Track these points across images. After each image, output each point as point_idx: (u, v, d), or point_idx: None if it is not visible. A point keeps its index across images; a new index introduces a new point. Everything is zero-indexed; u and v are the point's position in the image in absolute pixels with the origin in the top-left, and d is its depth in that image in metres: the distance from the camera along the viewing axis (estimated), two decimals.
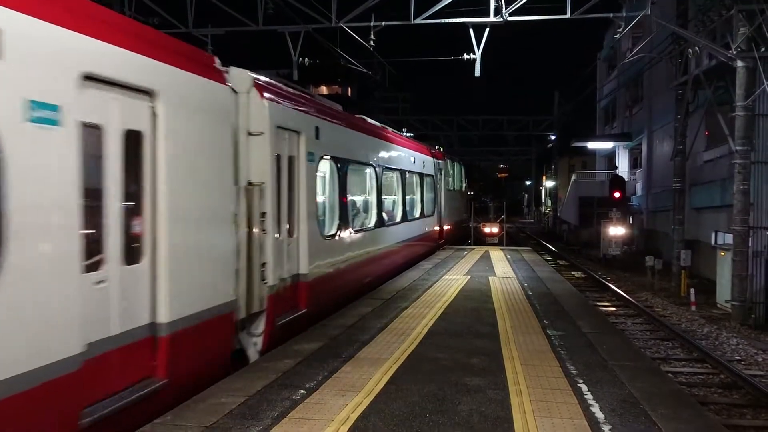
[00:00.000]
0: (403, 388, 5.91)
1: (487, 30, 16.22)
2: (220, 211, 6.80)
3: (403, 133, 22.82)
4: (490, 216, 34.31)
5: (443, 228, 22.10)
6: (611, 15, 16.59)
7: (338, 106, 11.58)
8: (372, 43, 16.76)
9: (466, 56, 17.16)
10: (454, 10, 16.18)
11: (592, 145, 40.89)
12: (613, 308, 16.40)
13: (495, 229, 29.39)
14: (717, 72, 16.93)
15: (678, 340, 12.62)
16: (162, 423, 5.03)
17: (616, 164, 37.48)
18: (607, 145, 38.94)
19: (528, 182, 80.00)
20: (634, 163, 34.76)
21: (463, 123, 49.29)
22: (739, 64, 14.58)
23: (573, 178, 39.79)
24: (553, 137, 50.93)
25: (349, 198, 11.60)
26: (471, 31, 16.34)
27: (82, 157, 4.68)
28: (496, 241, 28.01)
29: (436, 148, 25.78)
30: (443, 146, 40.33)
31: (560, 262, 26.87)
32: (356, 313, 9.56)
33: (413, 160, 17.24)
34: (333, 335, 8.04)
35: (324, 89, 48.72)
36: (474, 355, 7.14)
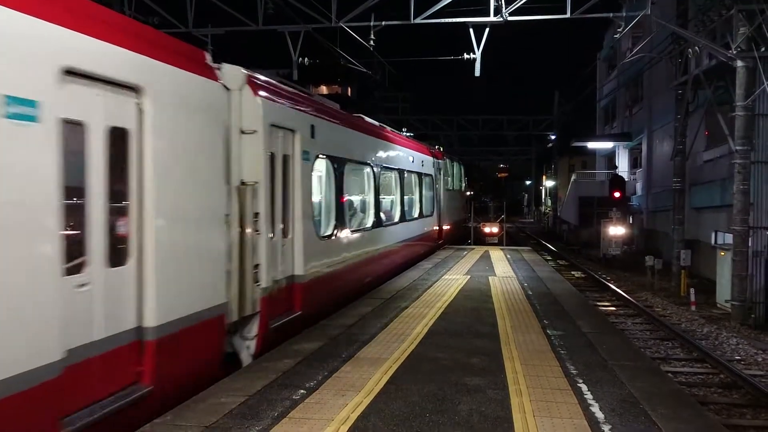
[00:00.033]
0: (403, 388, 5.91)
1: (487, 30, 16.20)
2: (211, 211, 6.63)
3: (403, 133, 22.81)
4: (490, 216, 34.36)
5: (442, 228, 22.07)
6: (611, 15, 16.57)
7: (336, 105, 11.52)
8: (372, 42, 16.74)
9: (466, 56, 17.14)
10: (454, 9, 16.18)
11: (592, 145, 40.91)
12: (613, 308, 16.40)
13: (495, 229, 29.41)
14: (717, 72, 16.93)
15: (678, 340, 12.63)
16: (162, 423, 5.02)
17: (616, 164, 37.49)
18: (607, 145, 38.95)
19: (528, 182, 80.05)
20: (634, 163, 34.77)
21: (463, 123, 49.28)
22: (739, 63, 14.59)
23: (573, 177, 39.84)
24: (553, 137, 50.97)
25: (347, 198, 11.50)
26: (471, 30, 16.32)
27: (63, 155, 4.51)
28: (496, 241, 28.04)
29: (436, 147, 25.75)
30: (443, 146, 40.28)
31: (560, 262, 26.87)
32: (356, 312, 9.56)
33: (412, 160, 17.20)
34: (333, 335, 8.03)
35: (324, 89, 48.73)
36: (474, 355, 7.14)
